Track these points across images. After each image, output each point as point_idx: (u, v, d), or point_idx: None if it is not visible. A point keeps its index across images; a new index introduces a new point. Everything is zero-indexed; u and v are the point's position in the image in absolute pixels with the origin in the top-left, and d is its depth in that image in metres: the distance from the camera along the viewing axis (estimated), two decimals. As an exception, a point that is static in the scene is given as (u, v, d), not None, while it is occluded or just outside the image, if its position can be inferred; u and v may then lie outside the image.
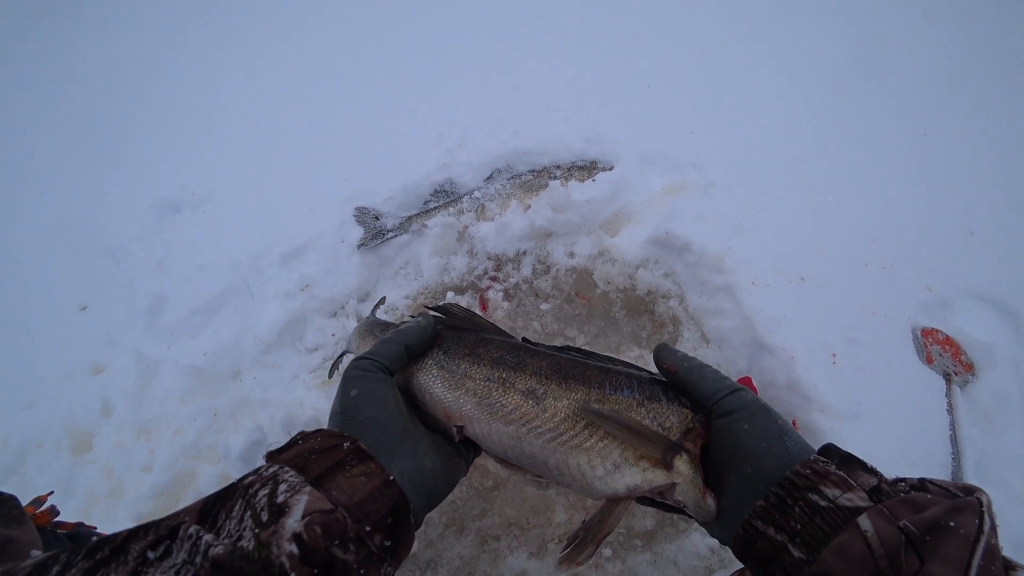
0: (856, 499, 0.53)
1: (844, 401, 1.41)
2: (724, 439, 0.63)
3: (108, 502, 1.57)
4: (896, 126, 2.15)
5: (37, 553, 0.63)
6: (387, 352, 0.70)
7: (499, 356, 0.77)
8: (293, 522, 0.48)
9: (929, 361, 1.54)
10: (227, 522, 0.50)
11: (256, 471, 0.55)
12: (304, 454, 0.56)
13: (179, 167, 2.49)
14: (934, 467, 1.39)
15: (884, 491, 0.54)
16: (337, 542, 0.50)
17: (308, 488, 0.52)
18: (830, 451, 0.62)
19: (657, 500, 0.69)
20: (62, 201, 2.54)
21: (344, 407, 0.63)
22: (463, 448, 0.75)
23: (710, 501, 0.64)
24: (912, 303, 1.65)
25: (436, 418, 0.75)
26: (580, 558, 0.66)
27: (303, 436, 0.60)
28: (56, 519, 1.17)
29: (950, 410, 1.47)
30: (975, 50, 2.47)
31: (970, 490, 0.52)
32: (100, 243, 2.28)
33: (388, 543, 0.55)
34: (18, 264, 2.33)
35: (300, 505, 0.50)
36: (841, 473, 0.55)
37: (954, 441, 1.42)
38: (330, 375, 1.38)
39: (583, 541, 0.67)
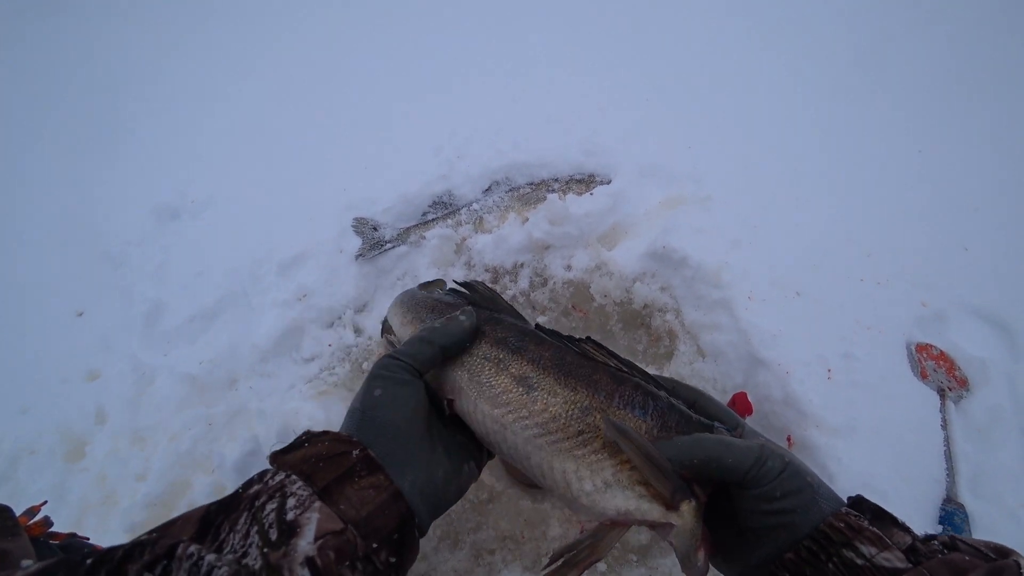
0: (894, 559, 0.51)
1: (839, 416, 1.41)
2: (751, 502, 0.58)
3: (101, 510, 1.56)
4: (892, 142, 2.17)
5: (28, 563, 0.62)
6: (421, 354, 0.66)
7: (503, 337, 0.73)
8: (305, 544, 0.47)
9: (923, 376, 1.55)
10: (231, 536, 0.48)
11: (261, 478, 0.54)
12: (311, 460, 0.55)
13: (179, 173, 2.50)
14: (928, 482, 1.39)
15: (920, 551, 0.52)
16: (347, 563, 0.49)
17: (318, 504, 0.51)
18: (861, 504, 0.59)
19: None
20: (61, 205, 2.54)
21: (364, 405, 0.61)
22: (475, 450, 0.71)
23: (700, 557, 0.59)
24: (907, 318, 1.65)
25: (433, 390, 0.71)
26: None
27: (309, 437, 0.58)
28: (49, 530, 1.17)
29: (944, 425, 1.47)
30: (969, 66, 2.50)
31: (1005, 552, 0.51)
32: (99, 248, 2.28)
33: (393, 559, 0.54)
34: (16, 268, 2.33)
35: (311, 524, 0.49)
36: (876, 530, 0.54)
37: (948, 456, 1.42)
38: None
39: (568, 563, 0.61)
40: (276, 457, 0.57)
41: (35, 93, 3.23)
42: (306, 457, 0.55)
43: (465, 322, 0.71)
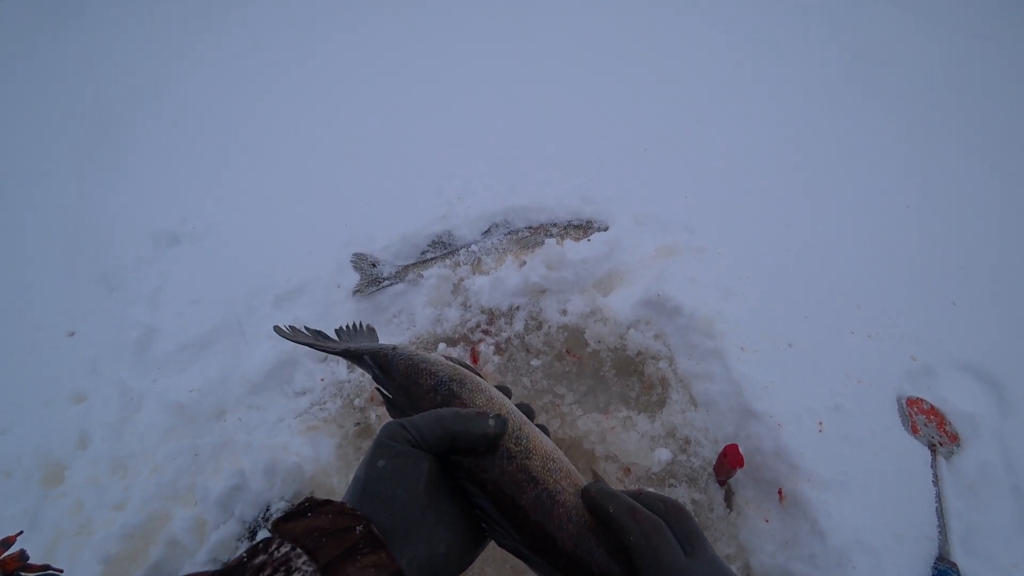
0: None
1: (830, 470, 1.41)
2: None
3: (75, 540, 1.50)
4: (881, 197, 2.24)
5: None
6: (430, 433, 0.64)
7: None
8: None
9: (914, 431, 1.55)
10: None
11: (266, 547, 0.53)
12: (315, 533, 0.55)
13: (182, 199, 2.52)
14: (920, 540, 1.37)
15: None
16: None
17: None
18: None
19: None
20: (61, 222, 2.54)
21: (368, 476, 0.61)
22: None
23: None
24: (897, 372, 1.66)
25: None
26: None
27: (312, 505, 0.58)
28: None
29: (935, 481, 1.46)
30: (959, 126, 2.61)
31: None
32: (95, 269, 2.27)
33: None
34: (9, 283, 2.31)
35: None
36: None
37: (940, 513, 1.41)
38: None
39: None
40: (278, 525, 0.56)
41: (41, 111, 3.28)
42: (309, 529, 0.55)
43: (491, 428, 0.66)
